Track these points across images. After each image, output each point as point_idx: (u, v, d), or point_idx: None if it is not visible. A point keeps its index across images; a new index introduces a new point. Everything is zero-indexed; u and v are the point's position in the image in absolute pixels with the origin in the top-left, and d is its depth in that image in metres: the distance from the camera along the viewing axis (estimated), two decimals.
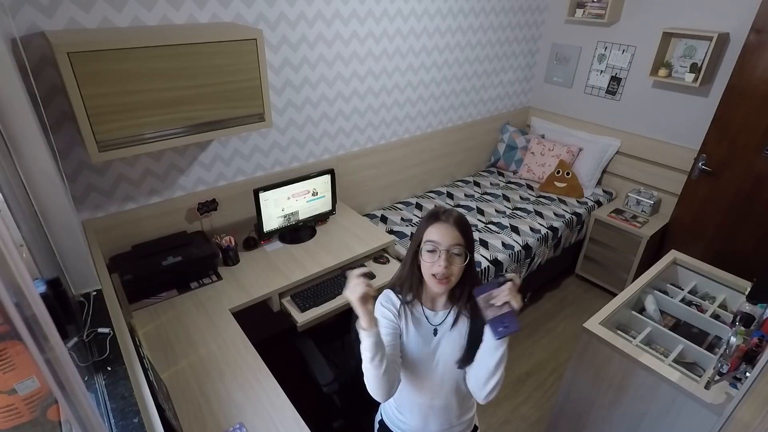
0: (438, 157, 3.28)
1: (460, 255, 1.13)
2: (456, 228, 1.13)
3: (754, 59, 2.44)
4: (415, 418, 1.31)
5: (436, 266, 1.12)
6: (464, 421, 1.36)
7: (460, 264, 1.13)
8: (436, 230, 1.13)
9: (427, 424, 1.31)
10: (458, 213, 1.18)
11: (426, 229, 1.15)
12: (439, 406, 1.28)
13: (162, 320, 1.79)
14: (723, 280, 2.06)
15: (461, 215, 1.18)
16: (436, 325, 1.22)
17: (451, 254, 1.12)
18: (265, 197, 2.17)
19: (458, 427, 1.35)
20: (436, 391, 1.26)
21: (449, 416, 1.31)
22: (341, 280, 2.13)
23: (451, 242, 1.12)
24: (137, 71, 1.53)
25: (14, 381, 0.79)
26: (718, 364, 1.42)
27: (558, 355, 2.75)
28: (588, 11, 3.18)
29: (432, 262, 1.13)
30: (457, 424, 1.34)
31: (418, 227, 1.19)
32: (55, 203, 1.31)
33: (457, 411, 1.32)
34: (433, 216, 1.16)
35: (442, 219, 1.15)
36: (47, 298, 1.04)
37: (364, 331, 1.08)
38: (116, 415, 1.06)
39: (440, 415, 1.29)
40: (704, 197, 2.86)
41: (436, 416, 1.30)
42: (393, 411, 1.38)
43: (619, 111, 3.31)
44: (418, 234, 1.18)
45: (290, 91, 2.33)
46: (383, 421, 1.44)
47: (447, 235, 1.12)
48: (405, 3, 2.58)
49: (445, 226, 1.13)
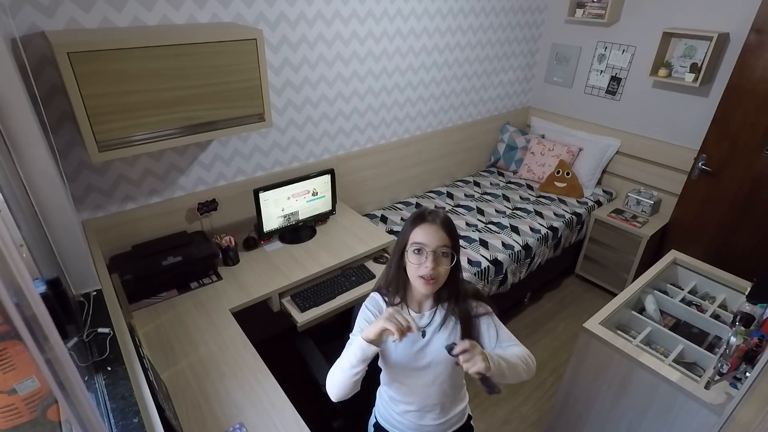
0: (438, 157, 3.28)
1: (447, 256, 1.13)
2: (442, 229, 1.12)
3: (754, 59, 2.44)
4: (410, 416, 1.32)
5: (423, 268, 1.11)
6: (458, 412, 1.36)
7: (447, 265, 1.13)
8: (423, 231, 1.12)
9: (422, 419, 1.32)
10: (444, 214, 1.17)
11: (412, 230, 1.14)
12: (432, 402, 1.29)
13: (162, 320, 1.79)
14: (723, 280, 2.06)
15: (447, 216, 1.17)
16: (423, 327, 1.21)
17: (438, 255, 1.11)
18: (265, 197, 2.17)
19: (453, 418, 1.36)
20: (429, 388, 1.26)
21: (444, 409, 1.32)
22: (341, 280, 2.13)
23: (438, 243, 1.11)
24: (137, 71, 1.53)
25: (14, 381, 0.79)
26: (718, 364, 1.42)
27: (558, 355, 2.76)
28: (588, 11, 3.18)
29: (419, 264, 1.12)
30: (452, 416, 1.35)
31: (403, 229, 1.18)
32: (55, 203, 1.31)
33: (451, 403, 1.33)
34: (419, 217, 1.15)
35: (429, 220, 1.13)
36: (47, 298, 1.04)
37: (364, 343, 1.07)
38: (116, 415, 1.06)
39: (434, 409, 1.30)
40: (704, 197, 2.86)
41: (431, 411, 1.31)
42: (388, 410, 1.38)
43: (619, 111, 3.31)
44: (404, 236, 1.16)
45: (290, 91, 2.33)
46: (378, 423, 1.44)
47: (434, 236, 1.11)
48: (405, 3, 2.58)
49: (431, 227, 1.12)
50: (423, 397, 1.27)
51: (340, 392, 1.15)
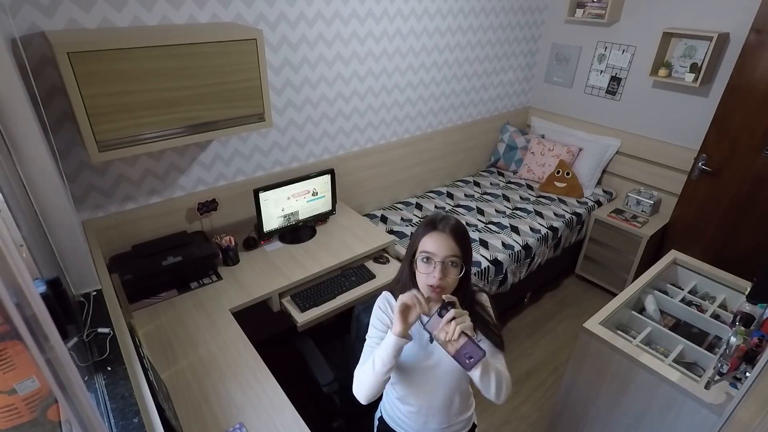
0: (438, 157, 3.28)
1: (456, 266, 1.11)
2: (452, 238, 1.10)
3: (754, 59, 2.44)
4: (414, 416, 1.32)
5: (430, 277, 1.10)
6: (463, 420, 1.36)
7: (455, 275, 1.11)
8: (432, 240, 1.11)
9: (427, 423, 1.31)
10: (455, 221, 1.15)
11: (422, 237, 1.13)
12: (438, 405, 1.28)
13: (162, 320, 1.79)
14: (723, 280, 2.06)
15: (458, 224, 1.15)
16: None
17: (447, 265, 1.10)
18: (265, 197, 2.17)
19: (457, 425, 1.35)
20: (435, 391, 1.26)
21: (449, 414, 1.31)
22: (341, 280, 2.13)
23: (446, 253, 1.09)
24: (137, 71, 1.53)
25: (14, 381, 0.79)
26: (718, 364, 1.42)
27: (558, 355, 2.75)
28: (588, 11, 3.18)
29: (427, 273, 1.11)
30: (456, 422, 1.34)
31: (414, 234, 1.17)
32: (55, 203, 1.31)
33: (457, 409, 1.32)
34: (429, 224, 1.14)
35: (439, 228, 1.12)
36: (47, 298, 1.04)
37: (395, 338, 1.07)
38: (116, 415, 1.06)
39: (439, 413, 1.30)
40: (704, 197, 2.86)
41: (436, 415, 1.30)
42: (393, 409, 1.39)
43: (619, 111, 3.31)
44: (414, 242, 1.16)
45: (290, 91, 2.33)
46: (383, 418, 1.44)
47: (443, 246, 1.09)
48: (405, 3, 2.58)
49: (441, 236, 1.10)
50: (428, 399, 1.27)
51: (371, 393, 1.16)
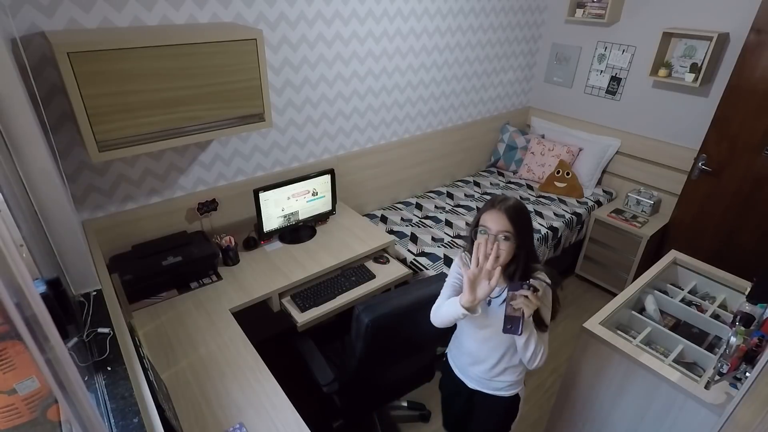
0: (438, 157, 3.28)
1: (508, 239, 1.30)
2: (506, 216, 1.30)
3: (754, 59, 2.44)
4: (463, 359, 1.59)
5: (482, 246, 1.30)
6: (503, 381, 1.53)
7: (506, 248, 1.30)
8: (489, 216, 1.32)
9: (471, 367, 1.56)
10: (513, 202, 1.33)
11: (482, 214, 1.35)
12: (482, 357, 1.51)
13: (162, 320, 1.79)
14: (723, 280, 2.06)
15: (515, 205, 1.33)
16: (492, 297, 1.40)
17: (498, 239, 1.29)
18: (265, 197, 2.17)
19: (495, 383, 1.54)
20: (480, 347, 1.49)
21: (488, 369, 1.51)
22: (341, 280, 2.13)
23: (499, 228, 1.30)
24: (137, 71, 1.53)
25: (14, 381, 0.79)
26: (718, 364, 1.42)
27: (558, 355, 2.75)
28: (588, 11, 3.18)
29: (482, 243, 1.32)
30: (493, 380, 1.53)
31: (480, 210, 1.38)
32: (55, 203, 1.31)
33: (497, 369, 1.50)
34: (490, 203, 1.35)
35: (496, 207, 1.32)
36: (47, 298, 1.04)
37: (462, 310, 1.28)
38: (116, 415, 1.06)
39: (480, 365, 1.53)
40: (704, 197, 2.86)
41: (477, 365, 1.54)
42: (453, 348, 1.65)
43: (619, 111, 3.31)
44: (477, 217, 1.37)
45: (290, 91, 2.33)
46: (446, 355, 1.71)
47: (496, 222, 1.30)
48: (405, 3, 2.58)
49: (497, 213, 1.31)
50: (475, 350, 1.52)
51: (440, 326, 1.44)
